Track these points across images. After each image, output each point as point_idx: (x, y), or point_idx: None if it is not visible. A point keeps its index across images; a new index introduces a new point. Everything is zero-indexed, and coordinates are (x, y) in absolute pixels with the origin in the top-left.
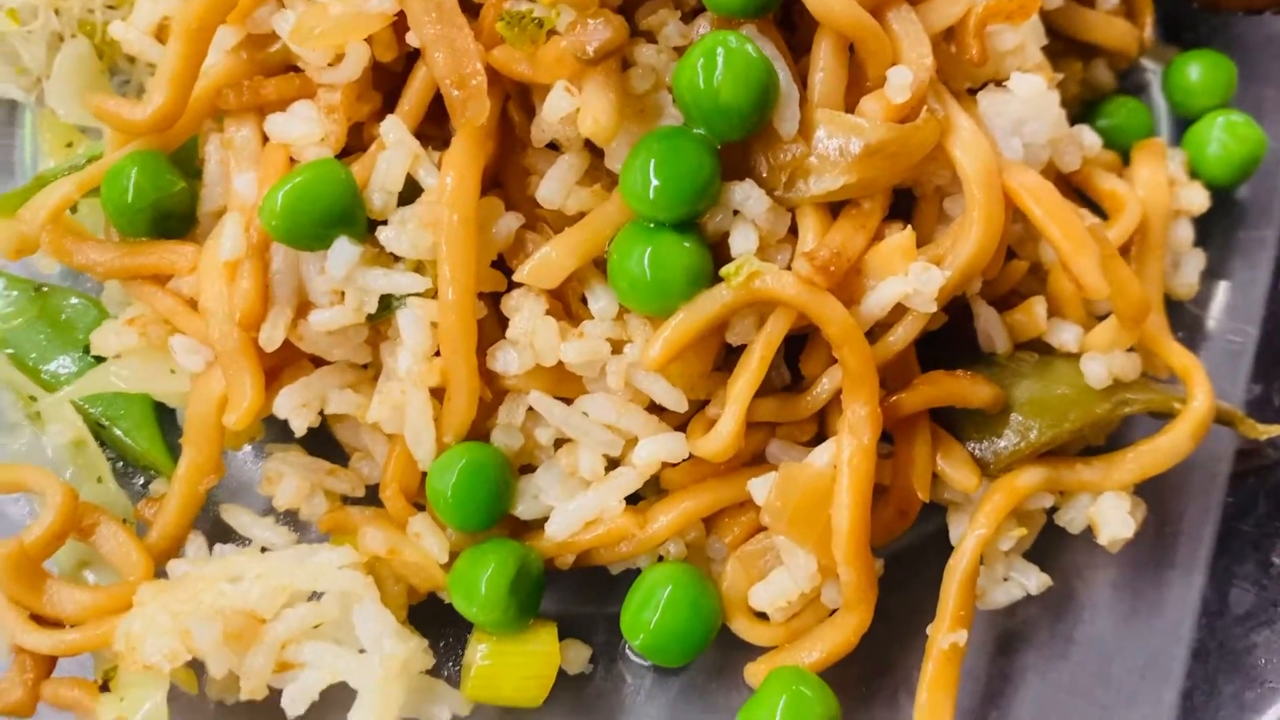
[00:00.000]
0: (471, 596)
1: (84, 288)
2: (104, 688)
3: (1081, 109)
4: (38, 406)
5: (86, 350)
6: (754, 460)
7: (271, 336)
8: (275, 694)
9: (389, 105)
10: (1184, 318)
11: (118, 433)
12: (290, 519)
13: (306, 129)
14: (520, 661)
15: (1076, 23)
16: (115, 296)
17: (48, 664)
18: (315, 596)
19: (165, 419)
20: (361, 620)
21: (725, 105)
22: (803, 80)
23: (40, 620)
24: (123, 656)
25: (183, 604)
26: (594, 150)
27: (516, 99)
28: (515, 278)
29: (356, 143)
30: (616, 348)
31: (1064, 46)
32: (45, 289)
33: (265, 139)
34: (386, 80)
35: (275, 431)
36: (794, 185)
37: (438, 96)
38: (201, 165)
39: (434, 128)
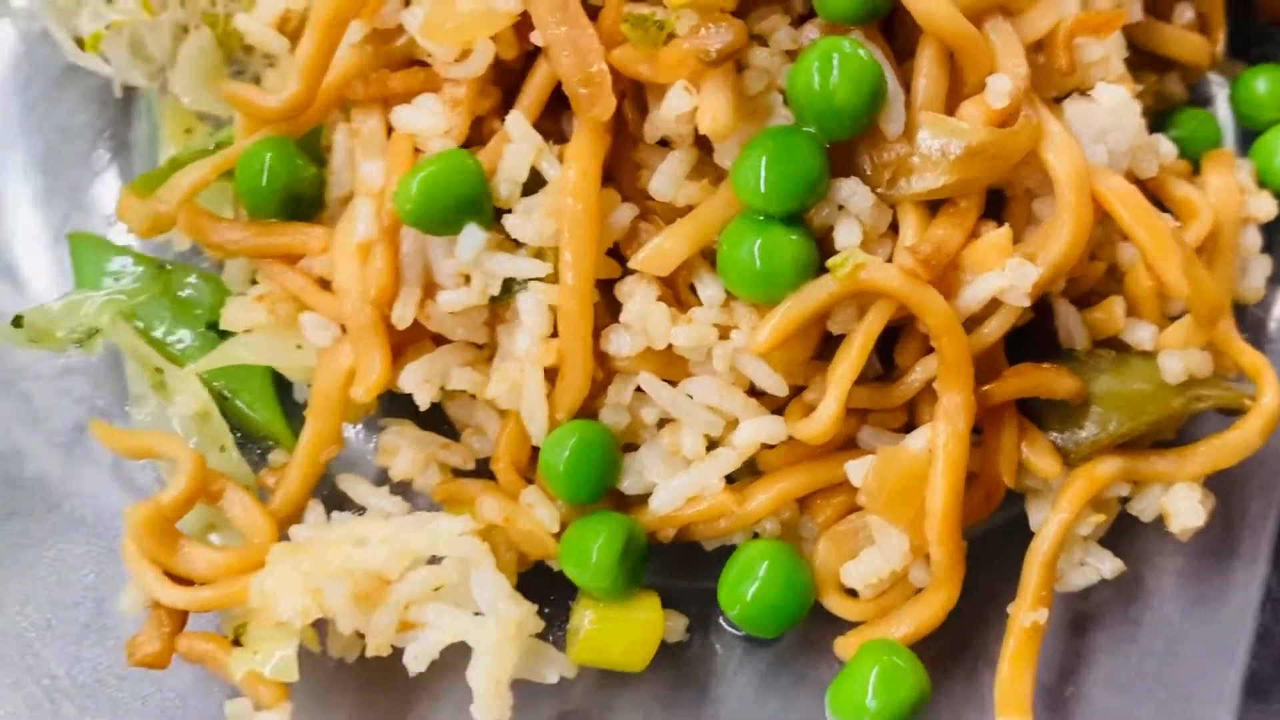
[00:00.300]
0: (583, 564)
1: (201, 266)
2: (235, 643)
3: (1154, 119)
4: (163, 378)
5: (208, 325)
6: (846, 445)
7: (403, 315)
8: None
9: (505, 100)
10: (1249, 321)
11: (240, 404)
12: (400, 489)
13: (431, 121)
14: (626, 628)
15: (1154, 36)
16: (236, 275)
17: (181, 619)
18: (434, 561)
19: (281, 392)
20: (479, 584)
21: (839, 106)
22: (905, 84)
23: (173, 578)
24: (256, 613)
25: (313, 564)
26: (702, 146)
27: (631, 97)
28: (630, 265)
29: (475, 135)
30: (723, 333)
31: (1140, 59)
32: (169, 266)
33: (390, 130)
34: (503, 76)
35: (381, 408)
36: (896, 183)
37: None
38: (325, 153)
39: (549, 123)
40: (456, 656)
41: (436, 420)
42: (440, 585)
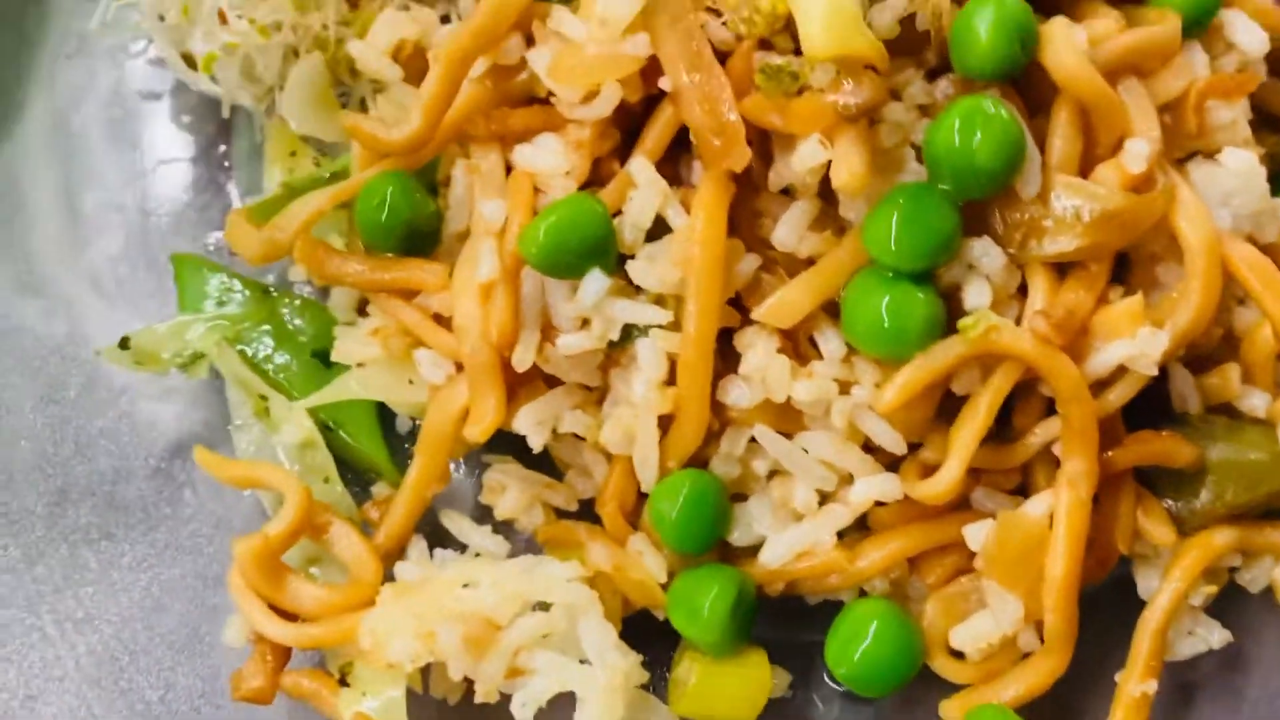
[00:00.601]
0: (693, 618)
1: (304, 292)
2: (342, 682)
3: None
4: (268, 405)
5: (313, 353)
6: (959, 505)
7: (524, 358)
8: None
9: (624, 142)
10: None
11: (344, 436)
12: (501, 527)
13: (553, 161)
14: (733, 683)
15: (1275, 98)
16: (341, 303)
17: (285, 655)
18: (541, 606)
19: (383, 423)
20: (586, 632)
21: (979, 166)
22: (1037, 143)
23: (278, 612)
24: (365, 653)
25: (425, 606)
26: (826, 197)
27: (755, 145)
28: (754, 316)
29: (593, 176)
30: (843, 388)
31: (1257, 120)
32: (273, 291)
33: (509, 167)
34: (622, 118)
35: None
36: (1027, 244)
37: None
38: (441, 186)
39: (667, 165)
40: (559, 705)
41: (535, 456)
42: (549, 633)
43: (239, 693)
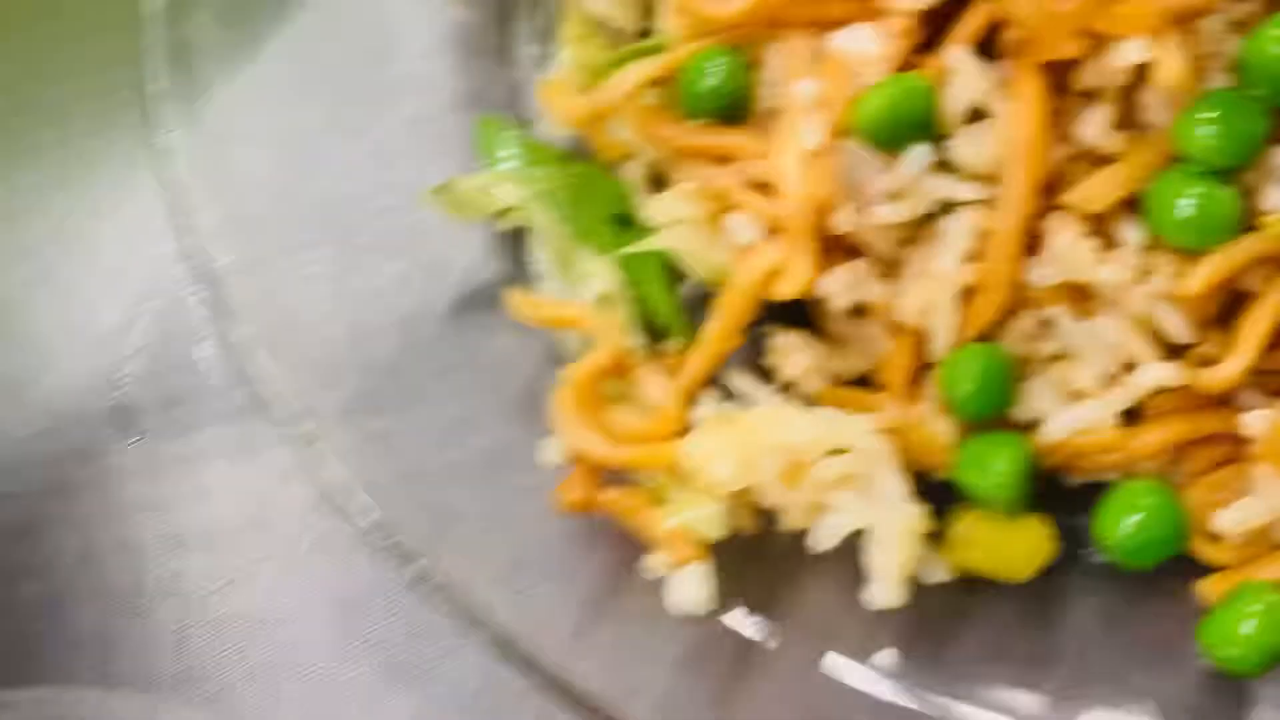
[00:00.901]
0: (986, 474)
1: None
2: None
3: None
4: (573, 258)
5: (612, 216)
6: (1227, 402)
7: (844, 221)
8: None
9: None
10: None
11: (640, 293)
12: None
13: (870, 48)
14: (1017, 541)
15: None
16: (634, 174)
17: (601, 475)
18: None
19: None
20: (884, 479)
21: None
22: None
23: None
24: (684, 475)
25: (743, 436)
26: (1127, 100)
27: None
28: (1064, 199)
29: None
30: (1140, 277)
31: None
32: (576, 161)
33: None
34: (932, 15)
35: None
36: None
37: None
38: (752, 67)
39: None
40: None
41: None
42: (849, 475)
43: (564, 504)
